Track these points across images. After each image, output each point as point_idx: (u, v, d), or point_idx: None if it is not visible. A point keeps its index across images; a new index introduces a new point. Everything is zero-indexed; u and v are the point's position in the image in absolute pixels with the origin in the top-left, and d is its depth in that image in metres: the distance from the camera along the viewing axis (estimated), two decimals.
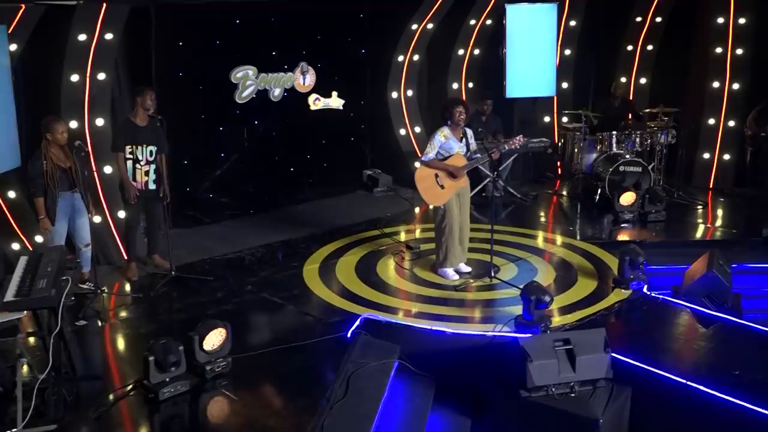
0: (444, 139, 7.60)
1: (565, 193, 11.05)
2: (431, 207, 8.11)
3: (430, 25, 10.98)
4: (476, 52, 11.81)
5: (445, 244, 7.78)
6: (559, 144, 11.24)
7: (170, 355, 5.58)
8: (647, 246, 8.80)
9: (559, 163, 11.68)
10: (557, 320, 6.84)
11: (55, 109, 8.15)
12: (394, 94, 11.22)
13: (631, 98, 11.83)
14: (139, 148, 7.59)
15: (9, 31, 7.30)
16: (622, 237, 9.22)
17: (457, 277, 7.84)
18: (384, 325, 6.83)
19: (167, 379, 5.61)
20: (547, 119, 12.04)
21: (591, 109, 11.25)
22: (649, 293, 7.42)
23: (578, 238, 9.08)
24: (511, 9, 11.20)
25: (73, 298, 7.22)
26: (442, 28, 11.35)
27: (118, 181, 7.81)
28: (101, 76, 8.25)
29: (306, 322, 6.91)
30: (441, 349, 6.57)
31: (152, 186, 7.77)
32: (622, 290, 7.46)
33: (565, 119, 11.76)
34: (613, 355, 6.09)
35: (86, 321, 6.88)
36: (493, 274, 7.70)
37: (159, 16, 8.78)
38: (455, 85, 11.81)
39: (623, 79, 11.97)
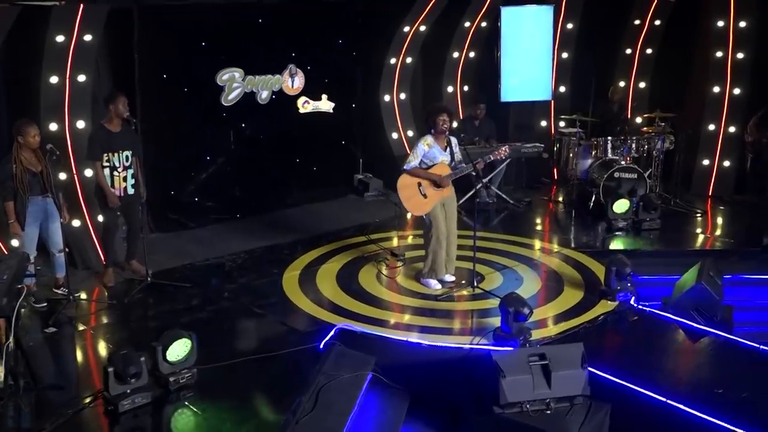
0: (427, 147, 7.41)
1: (559, 199, 10.82)
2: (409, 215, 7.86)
3: (422, 27, 10.79)
4: (471, 54, 11.63)
5: (431, 254, 7.58)
6: (555, 149, 11.00)
7: (130, 366, 5.42)
8: (639, 255, 8.62)
9: (555, 169, 11.45)
10: (538, 333, 6.62)
11: (35, 111, 8.05)
12: (387, 97, 11.04)
13: (629, 103, 11.61)
14: (116, 154, 7.45)
15: None
16: (614, 245, 8.99)
17: (440, 286, 7.64)
18: (359, 335, 6.65)
19: (128, 391, 5.46)
20: (543, 124, 11.82)
21: (590, 113, 11.00)
22: (636, 305, 7.20)
23: (569, 246, 8.86)
24: (506, 11, 11.00)
25: (45, 304, 7.14)
26: (436, 29, 11.16)
27: (95, 187, 7.65)
28: (81, 78, 8.12)
29: (280, 332, 6.74)
30: (416, 361, 6.38)
31: (131, 191, 7.63)
32: (609, 302, 7.24)
33: (562, 124, 11.55)
34: (593, 370, 5.90)
35: (56, 328, 6.73)
36: (476, 284, 7.49)
37: (142, 18, 8.62)
38: (450, 88, 11.62)
39: (622, 83, 11.73)
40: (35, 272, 5.82)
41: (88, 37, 7.95)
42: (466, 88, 11.78)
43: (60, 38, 7.78)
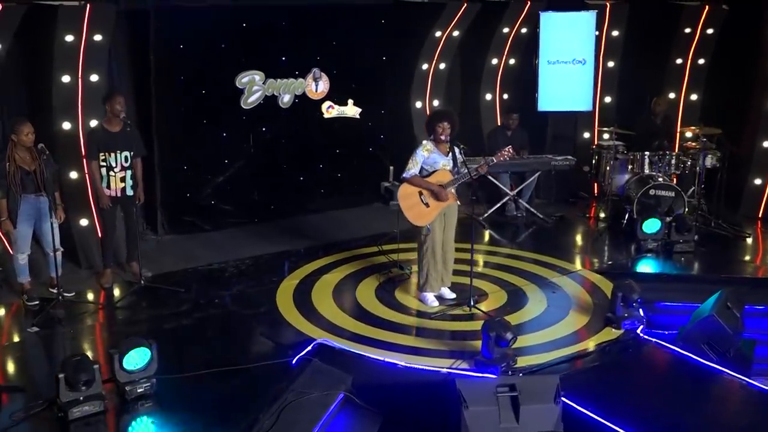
0: (426, 153, 7.08)
1: (593, 216, 10.26)
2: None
3: (456, 32, 10.42)
4: (511, 61, 11.17)
5: (426, 266, 7.25)
6: (593, 162, 10.44)
7: (82, 373, 5.30)
8: (663, 280, 8.07)
9: (595, 184, 10.87)
10: (526, 360, 6.20)
11: (47, 109, 8.12)
12: (418, 104, 10.72)
13: (679, 116, 10.96)
14: (112, 154, 7.41)
15: None
16: (638, 268, 8.42)
17: (436, 303, 7.29)
18: (338, 351, 6.39)
19: (81, 398, 5.34)
20: (586, 135, 11.26)
21: (633, 126, 10.42)
22: (642, 335, 6.69)
23: (588, 266, 8.35)
24: (545, 17, 10.53)
25: (36, 302, 7.15)
26: (472, 35, 10.78)
27: (90, 188, 7.64)
28: (94, 77, 8.12)
29: (258, 344, 6.53)
30: (391, 382, 6.08)
31: (129, 192, 7.57)
32: (613, 329, 6.76)
33: (606, 136, 10.96)
34: (575, 406, 5.49)
35: (39, 328, 6.71)
36: (472, 303, 7.11)
37: (158, 19, 8.59)
38: (488, 96, 11.21)
39: (672, 95, 11.06)
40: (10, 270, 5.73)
41: (98, 37, 7.94)
42: (505, 96, 11.34)
43: (69, 38, 7.79)
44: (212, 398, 5.68)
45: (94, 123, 8.17)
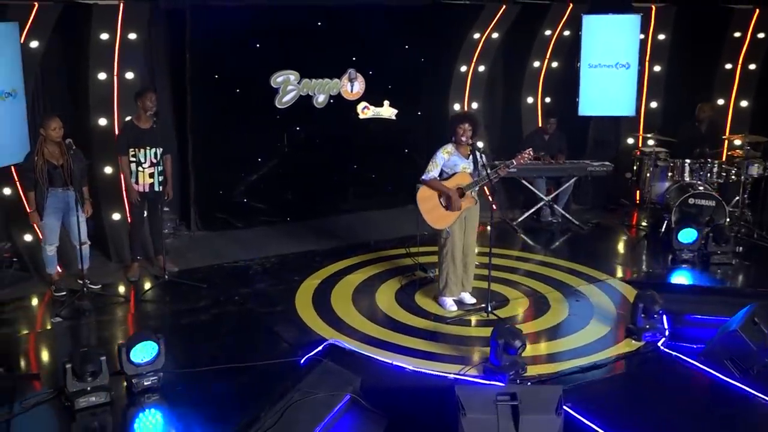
0: (447, 155, 7.02)
1: (634, 224, 10.00)
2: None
3: (495, 35, 10.29)
4: (554, 65, 10.98)
5: (445, 270, 7.17)
6: (635, 169, 10.19)
7: (88, 364, 5.41)
8: (694, 292, 7.82)
9: (638, 191, 10.59)
10: (538, 369, 6.08)
11: (84, 106, 8.34)
12: (456, 106, 10.62)
13: (728, 123, 10.60)
14: (142, 150, 7.54)
15: (27, 29, 7.44)
16: (674, 279, 8.17)
17: (455, 307, 7.21)
18: (348, 353, 6.36)
19: (88, 389, 5.44)
20: (630, 141, 10.99)
21: (677, 133, 10.14)
22: (663, 348, 6.48)
23: (618, 275, 8.13)
24: (587, 19, 10.32)
25: (64, 293, 7.33)
26: (513, 38, 10.65)
27: (120, 183, 7.80)
28: (129, 75, 8.29)
29: (271, 342, 6.54)
30: (398, 385, 6.02)
31: (157, 188, 7.69)
32: (633, 341, 6.57)
33: (651, 142, 10.68)
34: (581, 418, 5.35)
35: (62, 318, 6.88)
36: (489, 309, 7.00)
37: (194, 18, 8.72)
38: (530, 99, 11.05)
39: (721, 101, 10.71)
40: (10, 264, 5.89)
41: (132, 36, 8.11)
42: (548, 99, 11.15)
43: (104, 36, 7.98)
44: (217, 394, 5.74)
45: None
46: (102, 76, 8.17)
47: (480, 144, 7.19)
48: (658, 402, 5.81)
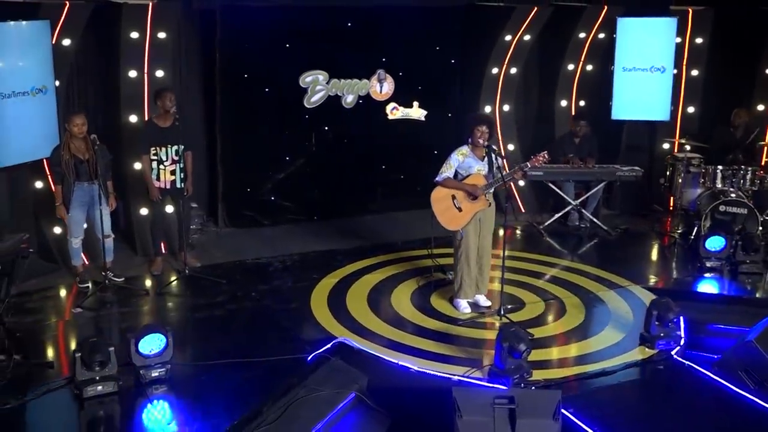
0: (462, 157, 7.02)
1: (668, 231, 9.81)
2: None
3: (527, 37, 10.21)
4: (589, 67, 10.85)
5: (460, 272, 7.17)
6: (667, 175, 10.00)
7: (96, 354, 5.54)
8: (718, 301, 7.67)
9: (671, 197, 10.39)
10: (544, 374, 6.03)
11: (115, 103, 8.55)
12: (488, 108, 10.56)
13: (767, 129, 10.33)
14: (163, 149, 7.69)
15: (59, 27, 7.66)
16: (698, 287, 8.01)
17: (469, 309, 7.19)
18: (356, 351, 6.40)
19: (96, 378, 5.59)
20: (666, 146, 10.78)
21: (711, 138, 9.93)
22: (676, 357, 6.36)
23: (640, 282, 7.99)
24: (622, 22, 10.18)
25: (88, 285, 7.53)
26: (546, 40, 10.56)
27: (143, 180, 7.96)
28: (159, 73, 8.45)
29: (281, 338, 6.61)
30: (403, 386, 6.04)
31: (179, 184, 7.84)
32: (647, 349, 6.46)
33: (688, 147, 10.47)
34: (581, 425, 5.30)
35: (82, 309, 7.07)
36: (503, 313, 6.96)
37: (224, 17, 8.87)
38: (564, 103, 10.94)
39: (761, 107, 10.43)
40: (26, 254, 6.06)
41: (162, 35, 8.28)
42: (582, 102, 11.03)
43: (134, 35, 8.16)
44: (223, 387, 5.82)
45: None
46: (133, 73, 8.36)
47: (495, 147, 7.12)
48: (665, 412, 5.71)
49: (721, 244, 8.31)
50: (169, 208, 8.23)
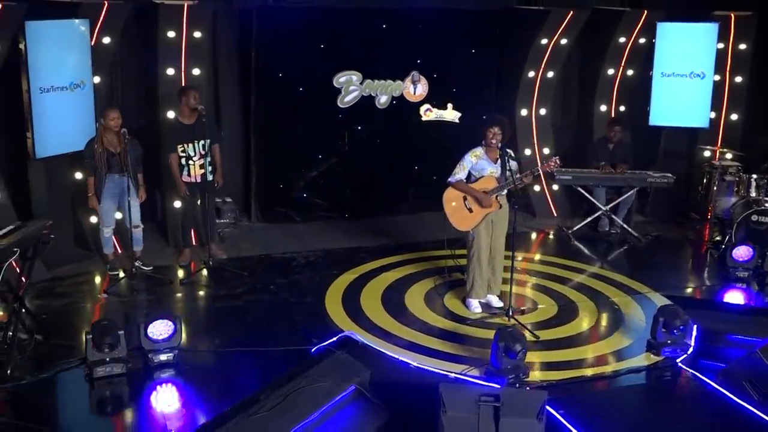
0: (475, 159, 7.09)
1: (697, 238, 9.65)
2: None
3: (564, 41, 10.17)
4: (629, 72, 10.74)
5: (471, 273, 7.24)
6: (704, 182, 9.83)
7: (106, 336, 5.84)
8: (739, 311, 7.53)
9: (710, 206, 10.20)
10: (546, 375, 6.06)
11: (153, 99, 8.91)
12: (524, 111, 10.56)
13: None
14: (190, 144, 7.95)
15: (99, 26, 8.03)
16: (721, 297, 7.87)
17: (479, 309, 7.25)
18: (360, 346, 6.55)
19: (107, 359, 5.88)
20: (707, 154, 10.57)
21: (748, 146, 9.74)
22: (681, 365, 6.29)
23: (661, 289, 7.88)
24: (662, 27, 10.04)
25: (117, 272, 7.88)
26: (586, 44, 10.51)
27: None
28: (196, 71, 8.78)
29: (291, 330, 6.80)
30: (403, 381, 6.15)
31: (209, 177, 8.11)
32: (652, 355, 6.42)
33: (729, 156, 10.27)
34: (569, 426, 5.33)
35: (108, 295, 7.41)
36: (510, 314, 7.00)
37: (260, 18, 9.13)
38: (603, 107, 10.84)
39: None
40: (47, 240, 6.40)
41: (197, 34, 8.59)
42: (622, 108, 10.91)
43: (171, 34, 8.50)
44: (226, 373, 6.11)
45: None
46: (170, 71, 8.69)
47: (509, 150, 7.18)
48: (659, 419, 5.69)
49: (750, 255, 8.15)
50: None
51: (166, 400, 5.66)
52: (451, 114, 10.28)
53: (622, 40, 10.43)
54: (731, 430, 5.57)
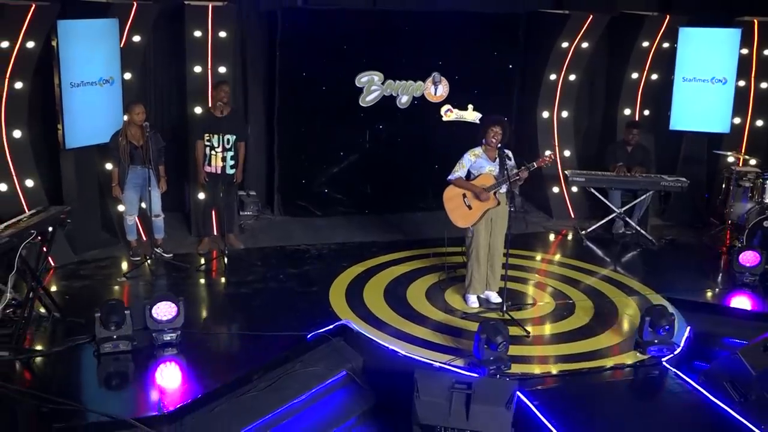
0: (474, 158, 7.32)
1: (708, 243, 9.65)
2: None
3: (585, 44, 10.28)
4: (654, 77, 10.78)
5: (470, 269, 7.46)
6: (723, 188, 9.83)
7: (113, 315, 6.24)
8: (737, 315, 7.59)
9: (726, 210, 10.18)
10: (527, 368, 6.26)
11: (182, 95, 9.36)
12: (545, 114, 10.70)
13: None
14: (216, 136, 8.34)
15: (129, 25, 8.50)
16: (723, 301, 7.91)
17: (477, 304, 7.47)
18: (356, 334, 6.84)
19: (114, 337, 6.29)
20: (731, 159, 10.54)
21: None
22: (665, 364, 6.41)
23: (661, 291, 7.96)
24: (684, 32, 10.08)
25: (139, 258, 8.32)
26: (609, 48, 10.60)
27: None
28: (222, 69, 9.18)
29: (292, 318, 7.06)
30: (392, 368, 6.41)
31: (230, 171, 8.49)
32: (639, 354, 6.55)
33: (753, 162, 10.25)
34: (542, 417, 5.54)
35: (126, 278, 7.86)
36: (504, 309, 7.20)
37: (285, 19, 9.50)
38: (627, 111, 10.90)
39: None
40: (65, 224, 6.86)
41: (222, 34, 9.00)
42: (646, 112, 10.96)
43: (197, 33, 8.92)
44: (224, 355, 6.51)
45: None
46: (197, 68, 9.12)
47: (508, 152, 7.38)
48: (636, 415, 5.83)
49: (756, 260, 8.16)
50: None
51: (164, 377, 6.03)
52: (471, 115, 10.49)
53: (645, 44, 10.49)
54: (703, 428, 5.69)
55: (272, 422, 5.85)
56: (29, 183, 8.03)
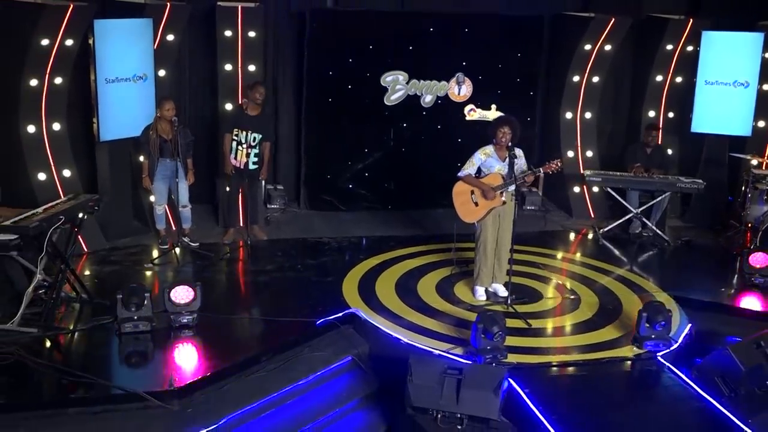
0: (484, 156, 7.56)
1: (725, 245, 9.72)
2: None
3: (608, 47, 10.43)
4: (678, 79, 10.87)
5: (478, 262, 7.72)
6: (741, 191, 9.89)
7: (133, 296, 6.66)
8: (742, 314, 7.70)
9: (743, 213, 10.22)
10: (523, 357, 6.51)
11: (213, 92, 9.81)
12: (568, 115, 10.88)
13: None
14: (243, 132, 8.73)
15: (163, 25, 8.95)
16: (731, 302, 8.03)
17: (484, 297, 7.73)
18: (363, 321, 7.15)
19: (134, 317, 6.71)
20: (755, 162, 10.57)
21: None
22: (659, 359, 6.59)
23: (667, 289, 8.10)
24: (707, 35, 10.16)
25: (166, 246, 8.76)
26: (633, 51, 10.73)
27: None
28: (252, 67, 9.60)
29: (305, 305, 7.40)
30: (395, 355, 6.69)
31: (252, 166, 8.88)
32: (635, 348, 6.74)
33: None
34: (531, 405, 5.79)
35: (152, 264, 8.31)
36: (509, 303, 7.45)
37: (313, 20, 9.86)
38: (651, 113, 11.01)
39: None
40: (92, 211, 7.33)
41: (252, 34, 9.41)
42: (671, 114, 11.06)
43: (228, 33, 9.35)
44: (237, 337, 6.87)
45: None
46: (228, 67, 9.56)
47: (519, 151, 7.61)
48: (624, 406, 6.05)
49: (766, 261, 8.25)
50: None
51: (178, 356, 6.43)
52: (494, 115, 10.67)
53: (669, 47, 10.60)
54: (691, 420, 5.87)
55: (277, 401, 6.20)
56: (66, 173, 8.52)
